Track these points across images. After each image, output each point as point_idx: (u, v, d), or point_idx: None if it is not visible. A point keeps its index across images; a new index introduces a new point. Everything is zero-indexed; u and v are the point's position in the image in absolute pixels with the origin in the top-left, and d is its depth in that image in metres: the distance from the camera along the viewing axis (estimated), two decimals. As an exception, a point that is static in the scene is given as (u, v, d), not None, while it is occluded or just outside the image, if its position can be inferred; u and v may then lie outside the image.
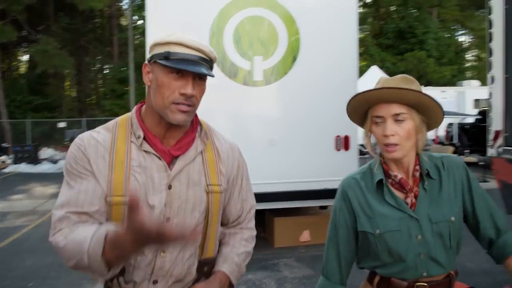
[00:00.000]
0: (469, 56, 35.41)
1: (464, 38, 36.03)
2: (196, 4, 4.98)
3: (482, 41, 31.34)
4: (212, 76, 1.30)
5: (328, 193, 5.41)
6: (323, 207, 5.96)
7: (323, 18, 5.29)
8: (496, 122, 2.69)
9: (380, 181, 1.47)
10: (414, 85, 1.43)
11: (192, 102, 1.29)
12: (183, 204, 1.33)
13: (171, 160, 1.34)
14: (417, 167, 1.47)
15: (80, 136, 1.36)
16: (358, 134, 5.69)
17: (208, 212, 1.38)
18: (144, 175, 1.30)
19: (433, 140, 15.03)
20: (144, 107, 1.40)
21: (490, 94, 2.75)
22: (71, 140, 19.09)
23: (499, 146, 2.82)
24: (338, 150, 5.45)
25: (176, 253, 1.32)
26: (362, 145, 7.32)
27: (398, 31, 28.83)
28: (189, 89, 1.26)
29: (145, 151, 1.32)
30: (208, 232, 1.40)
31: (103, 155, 1.31)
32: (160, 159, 1.32)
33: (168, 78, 1.27)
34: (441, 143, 14.08)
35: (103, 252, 1.07)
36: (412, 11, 29.53)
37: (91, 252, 1.08)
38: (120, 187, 1.27)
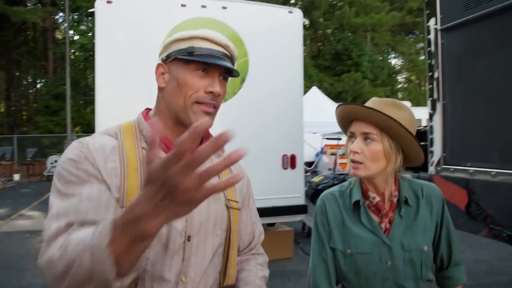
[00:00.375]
0: (400, 78, 37.42)
1: (395, 61, 38.09)
2: (145, 25, 4.98)
3: (412, 65, 33.34)
4: (237, 76, 1.22)
5: (276, 211, 5.54)
6: (271, 225, 6.06)
7: (271, 40, 5.46)
8: (437, 144, 2.93)
9: (357, 202, 1.46)
10: (402, 111, 1.40)
11: (217, 102, 1.17)
12: (205, 220, 1.18)
13: None
14: (396, 193, 1.46)
15: (79, 140, 1.15)
16: (304, 153, 5.90)
17: (230, 231, 1.24)
18: None
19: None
20: (153, 112, 1.24)
21: (431, 118, 3.00)
22: (2, 157, 18.05)
23: (438, 165, 3.06)
24: (285, 168, 5.59)
25: (198, 279, 1.16)
26: (305, 163, 7.52)
27: (335, 53, 29.98)
28: (217, 87, 1.14)
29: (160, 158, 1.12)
30: (230, 255, 1.25)
31: (113, 159, 1.11)
32: None
33: (191, 76, 1.14)
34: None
35: (111, 241, 0.77)
36: (348, 34, 30.86)
37: (94, 243, 0.79)
38: (135, 197, 1.00)
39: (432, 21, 2.89)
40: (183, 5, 5.11)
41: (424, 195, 1.49)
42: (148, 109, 1.28)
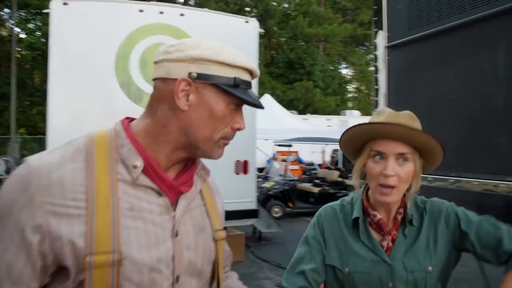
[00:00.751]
0: (350, 88, 38.50)
1: (346, 71, 39.18)
2: (102, 28, 4.97)
3: (362, 75, 34.46)
4: (262, 109, 1.12)
5: (228, 215, 5.59)
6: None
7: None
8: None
9: (357, 219, 1.39)
10: (417, 123, 1.33)
11: None
12: (193, 256, 1.03)
13: (175, 199, 1.02)
14: (401, 210, 1.37)
15: (30, 169, 0.90)
16: (256, 159, 6.04)
17: (217, 265, 1.11)
18: (141, 220, 0.94)
19: (320, 165, 16.04)
20: (144, 125, 1.02)
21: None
22: None
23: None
24: (238, 174, 5.71)
25: None
26: (257, 169, 7.65)
27: (288, 61, 30.48)
28: (243, 124, 1.05)
29: (142, 186, 0.96)
30: None
31: (74, 197, 0.89)
32: (160, 195, 0.98)
33: (227, 110, 1.00)
34: (328, 168, 15.04)
35: None
36: (301, 43, 31.50)
37: None
38: (105, 240, 0.88)
39: (379, 38, 3.11)
40: (141, 11, 5.14)
41: (427, 212, 1.40)
42: (129, 119, 1.07)
